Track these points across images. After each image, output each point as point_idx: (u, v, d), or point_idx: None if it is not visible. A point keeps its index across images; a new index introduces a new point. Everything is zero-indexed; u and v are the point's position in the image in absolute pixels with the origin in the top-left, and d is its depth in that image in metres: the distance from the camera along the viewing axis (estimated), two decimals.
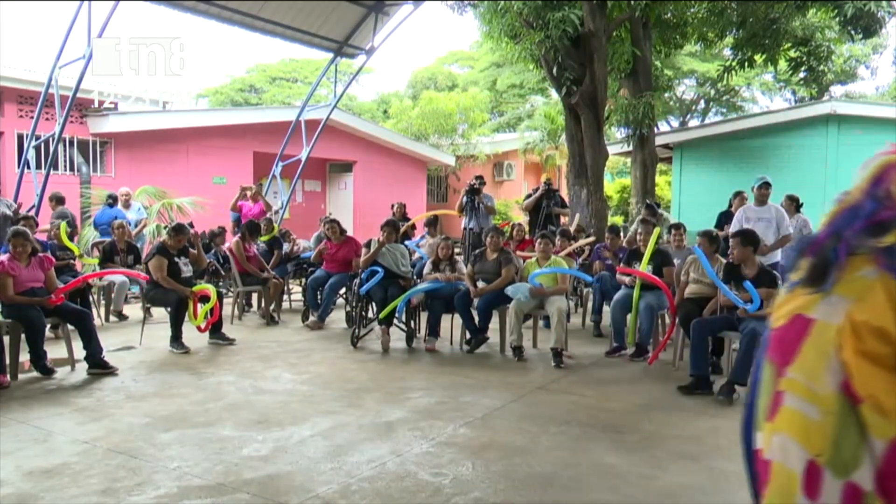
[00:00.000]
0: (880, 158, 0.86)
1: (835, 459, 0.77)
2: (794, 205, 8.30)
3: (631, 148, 13.30)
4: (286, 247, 9.42)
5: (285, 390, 5.28)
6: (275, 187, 13.01)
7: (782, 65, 13.69)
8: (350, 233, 8.91)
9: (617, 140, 16.25)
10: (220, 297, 7.17)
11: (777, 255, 6.88)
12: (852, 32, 11.85)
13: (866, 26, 11.49)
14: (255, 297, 9.06)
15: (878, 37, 20.02)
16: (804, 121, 14.48)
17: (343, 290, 8.15)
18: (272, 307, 8.36)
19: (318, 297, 7.99)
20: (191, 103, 16.55)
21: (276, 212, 11.70)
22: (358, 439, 4.16)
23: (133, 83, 12.54)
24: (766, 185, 7.12)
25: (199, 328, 6.68)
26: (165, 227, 8.75)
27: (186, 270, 6.86)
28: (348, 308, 7.93)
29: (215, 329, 6.89)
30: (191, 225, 7.93)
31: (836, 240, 0.82)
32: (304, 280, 9.03)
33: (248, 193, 10.82)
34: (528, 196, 10.77)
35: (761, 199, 7.14)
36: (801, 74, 13.61)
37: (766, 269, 5.68)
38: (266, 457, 3.86)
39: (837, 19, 11.71)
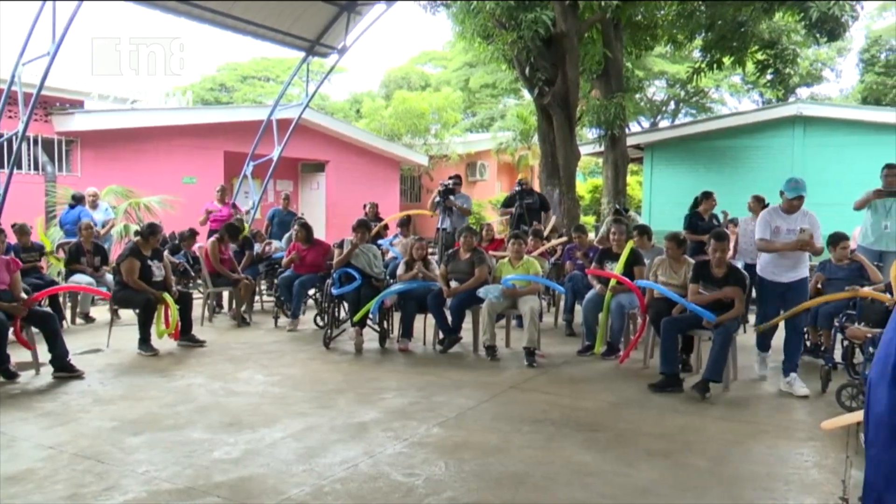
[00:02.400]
0: None
1: None
2: (760, 205, 8.43)
3: (602, 148, 13.41)
4: (257, 247, 9.33)
5: (257, 392, 5.23)
6: (246, 187, 12.87)
7: (750, 67, 13.92)
8: (322, 232, 8.85)
9: (589, 140, 16.38)
10: (190, 298, 7.08)
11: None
12: (817, 36, 12.07)
13: (831, 30, 11.72)
14: (226, 298, 8.95)
15: (843, 40, 20.47)
16: (771, 122, 14.73)
17: (313, 291, 8.10)
18: (243, 308, 8.27)
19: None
20: (161, 102, 16.26)
21: (248, 212, 11.57)
22: (330, 440, 4.14)
23: (100, 81, 12.32)
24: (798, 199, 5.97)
25: (170, 335, 6.58)
26: (135, 228, 8.63)
27: (158, 274, 6.75)
28: (318, 310, 7.87)
29: (185, 331, 6.80)
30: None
31: None
32: (274, 281, 8.94)
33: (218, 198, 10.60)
34: (506, 199, 10.74)
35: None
36: (769, 76, 13.84)
37: (735, 269, 5.76)
38: (237, 459, 3.81)
39: (803, 23, 11.93)
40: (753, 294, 5.90)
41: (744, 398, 5.25)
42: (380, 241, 9.00)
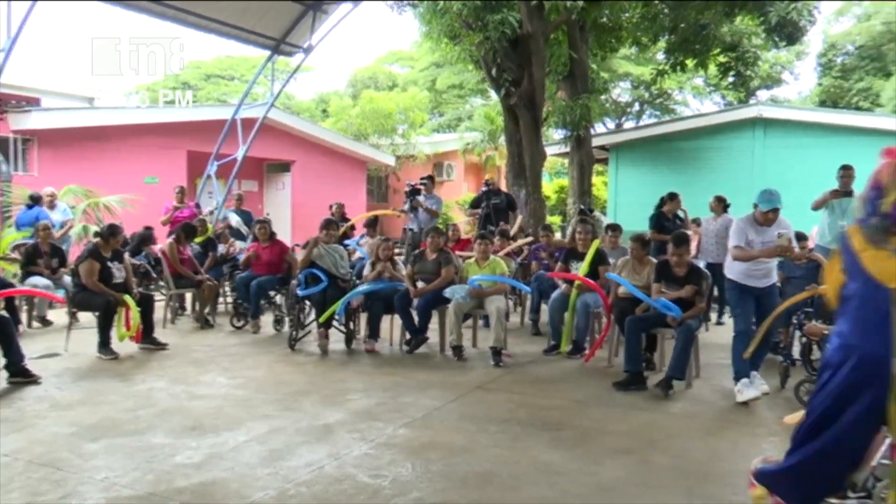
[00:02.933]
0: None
1: None
2: (721, 205, 8.59)
3: (568, 149, 13.53)
4: (221, 248, 9.20)
5: (220, 395, 5.15)
6: (209, 187, 12.68)
7: (712, 69, 14.18)
8: (288, 233, 8.74)
9: (555, 141, 16.51)
10: (151, 300, 6.95)
11: None
12: (777, 39, 12.38)
13: (789, 34, 12.03)
14: (189, 300, 8.80)
15: (801, 44, 21.00)
16: (732, 124, 15.03)
17: (272, 293, 7.94)
18: (207, 310, 8.14)
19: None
20: (121, 100, 15.99)
21: (211, 212, 11.40)
22: (295, 443, 4.09)
23: (59, 79, 12.06)
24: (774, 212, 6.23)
25: (131, 338, 6.45)
26: (94, 229, 8.43)
27: (119, 276, 6.61)
28: (278, 312, 7.74)
29: (146, 333, 6.66)
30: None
31: None
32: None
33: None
34: (474, 200, 10.79)
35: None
36: (730, 79, 14.14)
37: (696, 268, 5.85)
38: (199, 464, 3.75)
39: (763, 27, 12.20)
40: (716, 293, 6.02)
41: (706, 395, 5.33)
42: (346, 242, 8.95)
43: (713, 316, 8.43)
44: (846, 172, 7.16)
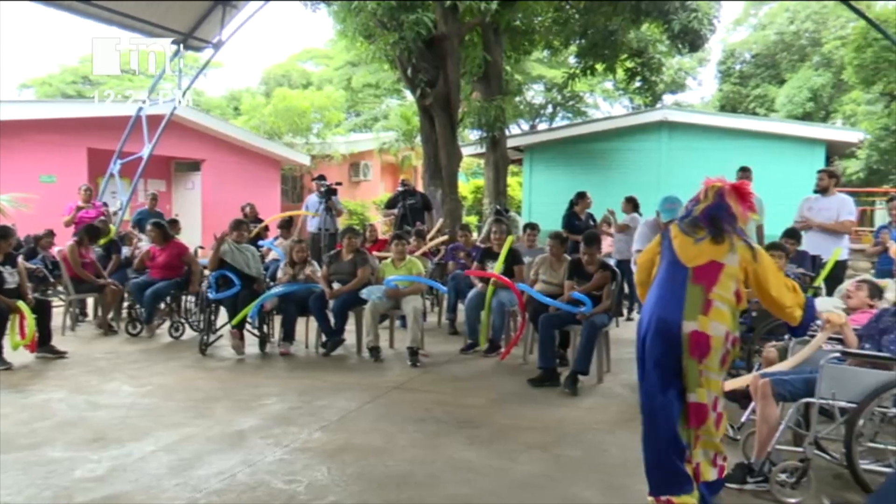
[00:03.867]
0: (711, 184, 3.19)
1: (734, 329, 2.99)
2: (631, 205, 8.91)
3: (484, 150, 13.69)
4: (126, 251, 8.79)
5: (125, 404, 4.92)
6: (113, 187, 12.08)
7: (620, 74, 14.66)
8: (199, 235, 8.42)
9: (471, 142, 16.66)
10: (48, 306, 6.56)
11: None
12: (680, 46, 12.93)
13: (692, 41, 12.60)
14: (90, 305, 8.37)
15: (703, 51, 22.03)
16: (640, 126, 15.61)
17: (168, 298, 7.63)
18: (110, 315, 7.76)
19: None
20: (12, 94, 15.03)
21: (115, 213, 10.88)
22: (206, 451, 3.96)
23: None
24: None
25: (26, 347, 6.06)
26: None
27: (11, 281, 6.19)
28: (176, 318, 7.45)
29: (43, 342, 6.28)
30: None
31: (717, 217, 3.11)
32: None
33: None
34: (390, 200, 10.77)
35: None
36: (637, 83, 14.66)
37: (606, 265, 6.03)
38: (102, 477, 3.57)
39: (667, 34, 12.72)
40: (626, 289, 6.22)
41: (616, 390, 5.51)
42: (261, 243, 8.74)
43: (624, 311, 8.72)
44: (744, 174, 7.54)
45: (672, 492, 3.02)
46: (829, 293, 6.29)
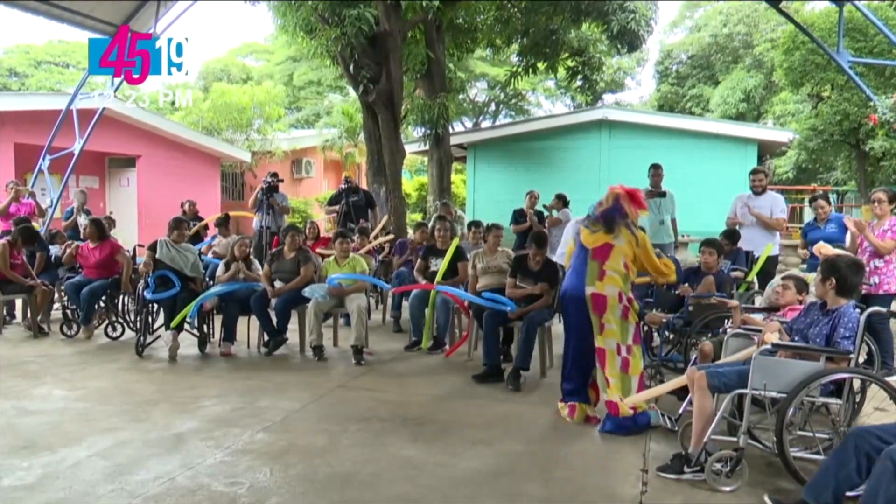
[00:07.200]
0: (612, 190, 4.57)
1: (626, 291, 4.41)
2: (560, 202, 9.25)
3: (427, 147, 13.70)
4: (56, 249, 8.45)
5: (56, 409, 4.74)
6: (42, 184, 11.61)
7: (561, 72, 14.86)
8: (135, 233, 8.17)
9: (414, 139, 16.66)
10: None
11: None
12: (619, 46, 13.20)
13: (630, 41, 12.89)
14: (18, 306, 8.03)
15: (641, 52, 22.54)
16: (581, 125, 15.89)
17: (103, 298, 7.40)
18: (40, 317, 7.47)
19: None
20: None
21: (45, 210, 10.45)
22: (143, 455, 3.85)
23: None
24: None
25: None
26: None
27: None
28: (113, 318, 7.23)
29: None
30: None
31: (611, 217, 4.46)
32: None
33: (22, 194, 9.42)
34: (332, 197, 10.68)
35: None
36: (578, 82, 14.88)
37: (551, 262, 6.11)
38: (32, 485, 3.44)
39: (606, 34, 12.97)
40: None
41: (559, 384, 5.58)
42: (198, 246, 8.53)
43: None
44: (656, 171, 7.89)
45: (575, 400, 4.55)
46: (762, 287, 6.54)
